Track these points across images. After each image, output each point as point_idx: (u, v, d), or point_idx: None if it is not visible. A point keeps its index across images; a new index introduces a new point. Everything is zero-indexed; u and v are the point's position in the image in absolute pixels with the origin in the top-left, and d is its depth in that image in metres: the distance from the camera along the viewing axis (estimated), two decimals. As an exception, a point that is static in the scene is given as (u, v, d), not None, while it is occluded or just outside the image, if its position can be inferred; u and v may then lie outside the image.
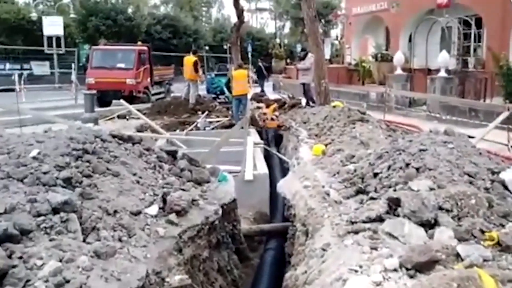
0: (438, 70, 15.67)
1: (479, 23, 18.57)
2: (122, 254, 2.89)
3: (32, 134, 4.11)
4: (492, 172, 3.90)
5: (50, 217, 2.91)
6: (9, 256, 2.46)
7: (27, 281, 2.36)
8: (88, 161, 3.71)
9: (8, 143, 3.76)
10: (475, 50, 19.19)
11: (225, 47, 36.67)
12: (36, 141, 3.75)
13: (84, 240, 2.91)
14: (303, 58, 13.18)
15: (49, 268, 2.43)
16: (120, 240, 3.08)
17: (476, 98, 14.38)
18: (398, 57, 18.07)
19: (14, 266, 2.41)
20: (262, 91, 21.53)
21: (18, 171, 3.31)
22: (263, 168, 7.67)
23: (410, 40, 21.16)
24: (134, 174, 4.00)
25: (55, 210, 2.96)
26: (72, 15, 36.72)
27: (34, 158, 3.48)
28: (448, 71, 15.49)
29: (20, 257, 2.49)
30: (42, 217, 2.89)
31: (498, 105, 12.62)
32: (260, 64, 25.65)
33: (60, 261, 2.52)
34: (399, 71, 17.91)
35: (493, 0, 16.27)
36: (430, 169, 3.89)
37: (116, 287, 2.54)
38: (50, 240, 2.74)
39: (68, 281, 2.40)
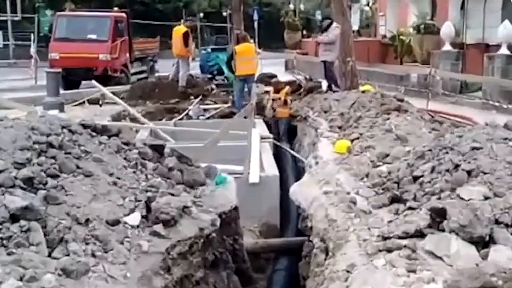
0: (498, 46, 15.56)
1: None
2: (96, 273, 2.96)
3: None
4: None
5: (8, 225, 2.97)
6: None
7: (-20, 304, 2.43)
8: (53, 157, 3.77)
9: (-46, 134, 3.83)
10: (548, 20, 19.04)
11: (224, 14, 36.61)
12: (-11, 132, 3.82)
13: (49, 255, 2.97)
14: (325, 29, 13.08)
15: (7, 288, 2.50)
16: (93, 255, 3.14)
17: (548, 83, 14.28)
18: (447, 29, 17.96)
19: (-37, 286, 2.48)
20: None
21: (-34, 168, 3.38)
22: (272, 169, 7.71)
23: (462, 7, 21.03)
24: (111, 174, 4.06)
25: (14, 218, 3.03)
26: (30, -28, 36.88)
27: (-14, 152, 3.55)
28: (511, 47, 15.41)
29: (-29, 275, 2.56)
30: (-2, 226, 2.96)
31: None
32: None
33: (21, 279, 2.59)
34: (447, 47, 17.81)
35: None
36: (485, 173, 3.92)
37: (89, 314, 2.60)
38: (8, 254, 2.80)
39: (30, 305, 2.47)
